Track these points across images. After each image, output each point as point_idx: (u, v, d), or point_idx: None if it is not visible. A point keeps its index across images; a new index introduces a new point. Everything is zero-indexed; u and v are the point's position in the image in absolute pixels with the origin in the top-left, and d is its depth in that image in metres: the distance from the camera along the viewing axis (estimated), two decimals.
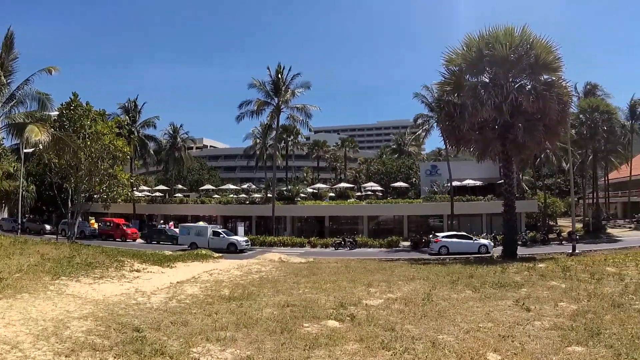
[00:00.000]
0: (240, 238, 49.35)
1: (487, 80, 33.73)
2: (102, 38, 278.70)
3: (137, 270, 22.10)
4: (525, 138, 32.11)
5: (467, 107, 31.79)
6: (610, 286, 16.26)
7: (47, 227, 58.42)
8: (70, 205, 44.75)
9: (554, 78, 33.05)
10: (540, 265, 23.97)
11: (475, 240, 45.11)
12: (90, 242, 46.64)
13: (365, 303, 13.90)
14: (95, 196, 47.20)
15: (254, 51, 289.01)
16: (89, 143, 40.71)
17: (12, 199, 52.16)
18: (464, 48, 33.01)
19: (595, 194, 71.45)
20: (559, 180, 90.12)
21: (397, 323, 11.15)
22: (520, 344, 9.54)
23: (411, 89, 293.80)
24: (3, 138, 39.10)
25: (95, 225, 61.17)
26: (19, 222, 52.36)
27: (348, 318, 11.73)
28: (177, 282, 19.29)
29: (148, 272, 22.40)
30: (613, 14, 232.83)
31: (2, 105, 36.05)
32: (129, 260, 24.28)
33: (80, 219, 64.16)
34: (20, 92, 36.55)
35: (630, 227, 66.22)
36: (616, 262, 23.76)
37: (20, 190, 49.31)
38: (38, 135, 30.25)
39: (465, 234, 47.83)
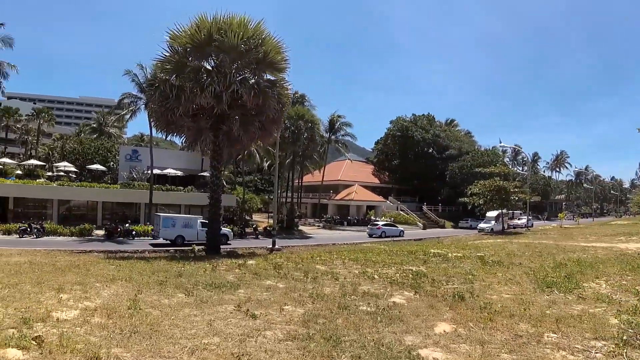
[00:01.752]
0: (227, 230, 46.07)
1: (211, 66, 32.40)
2: None
3: None
4: (240, 132, 32.00)
5: (185, 91, 30.00)
6: (328, 286, 15.95)
7: None
8: None
9: (276, 78, 33.36)
10: (251, 262, 23.24)
11: (398, 227, 64.09)
12: None
13: (56, 317, 10.78)
14: None
15: None
16: None
17: None
18: (194, 28, 30.85)
19: (291, 194, 75.81)
20: (256, 178, 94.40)
21: (101, 346, 8.58)
22: None
23: (121, 67, 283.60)
24: None
25: None
26: None
27: (34, 343, 8.74)
28: None
29: None
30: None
31: None
32: None
33: None
34: None
35: (318, 226, 72.67)
36: (323, 260, 24.19)
37: None
38: None
39: (392, 222, 68.86)
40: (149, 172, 56.73)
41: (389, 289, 15.80)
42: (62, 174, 65.44)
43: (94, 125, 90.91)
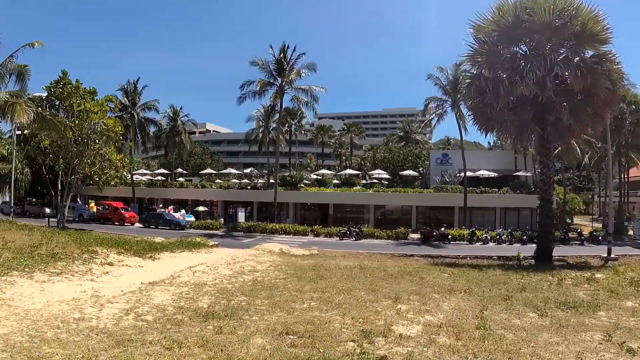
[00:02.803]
0: None
1: (523, 51, 29.22)
2: (91, 26, 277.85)
3: (110, 264, 18.02)
4: (570, 120, 27.50)
5: (502, 82, 27.26)
6: None
7: (47, 210, 56.02)
8: (62, 187, 41.25)
9: (598, 52, 28.05)
10: (598, 275, 19.66)
11: None
12: (87, 226, 46.73)
13: (398, 332, 9.66)
14: (87, 179, 43.77)
15: (253, 39, 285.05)
16: (77, 122, 37.48)
17: (7, 182, 48.78)
18: (497, 13, 28.02)
19: (619, 192, 66.77)
20: (574, 175, 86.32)
21: None
22: None
23: (414, 78, 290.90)
24: None
25: (94, 209, 59.92)
26: (11, 205, 50.37)
27: None
28: (149, 283, 15.19)
29: (123, 265, 18.46)
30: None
31: None
32: (105, 250, 20.38)
33: (80, 202, 63.36)
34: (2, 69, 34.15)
35: None
36: None
37: (13, 173, 46.34)
38: (20, 115, 29.17)
39: None
40: (461, 174, 55.16)
41: None
42: (375, 181, 68.22)
43: (400, 134, 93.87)
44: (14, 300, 11.25)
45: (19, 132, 45.93)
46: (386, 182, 66.84)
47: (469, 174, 53.10)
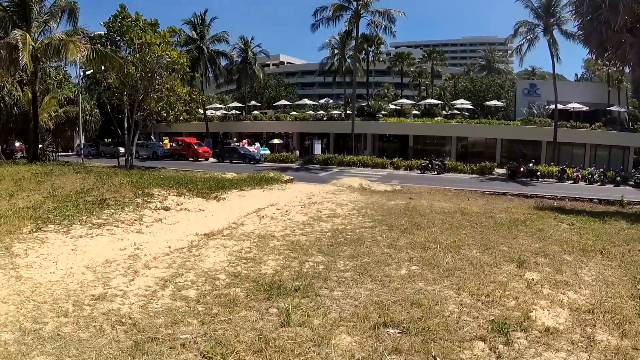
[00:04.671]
0: None
1: None
2: None
3: (166, 209, 15.48)
4: None
5: None
6: None
7: (121, 149, 54.35)
8: (129, 126, 39.76)
9: None
10: None
11: None
12: (160, 163, 47.02)
13: (540, 323, 6.71)
14: (155, 115, 42.04)
15: None
16: (137, 56, 35.59)
17: (77, 124, 48.25)
18: None
19: None
20: None
21: None
22: None
23: (494, 4, 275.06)
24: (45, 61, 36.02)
25: (168, 146, 60.18)
26: (81, 147, 51.25)
27: None
28: (204, 235, 12.54)
29: (182, 209, 15.89)
30: None
31: (38, 25, 33.33)
32: (163, 192, 17.89)
33: (154, 140, 63.12)
34: (53, 7, 34.06)
35: None
36: None
37: (80, 114, 45.30)
38: (73, 53, 29.29)
39: None
40: (550, 107, 51.37)
41: None
42: (456, 111, 65.28)
43: (482, 63, 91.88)
44: (31, 268, 8.92)
45: (84, 73, 44.83)
46: (467, 114, 63.96)
47: (559, 106, 48.74)
